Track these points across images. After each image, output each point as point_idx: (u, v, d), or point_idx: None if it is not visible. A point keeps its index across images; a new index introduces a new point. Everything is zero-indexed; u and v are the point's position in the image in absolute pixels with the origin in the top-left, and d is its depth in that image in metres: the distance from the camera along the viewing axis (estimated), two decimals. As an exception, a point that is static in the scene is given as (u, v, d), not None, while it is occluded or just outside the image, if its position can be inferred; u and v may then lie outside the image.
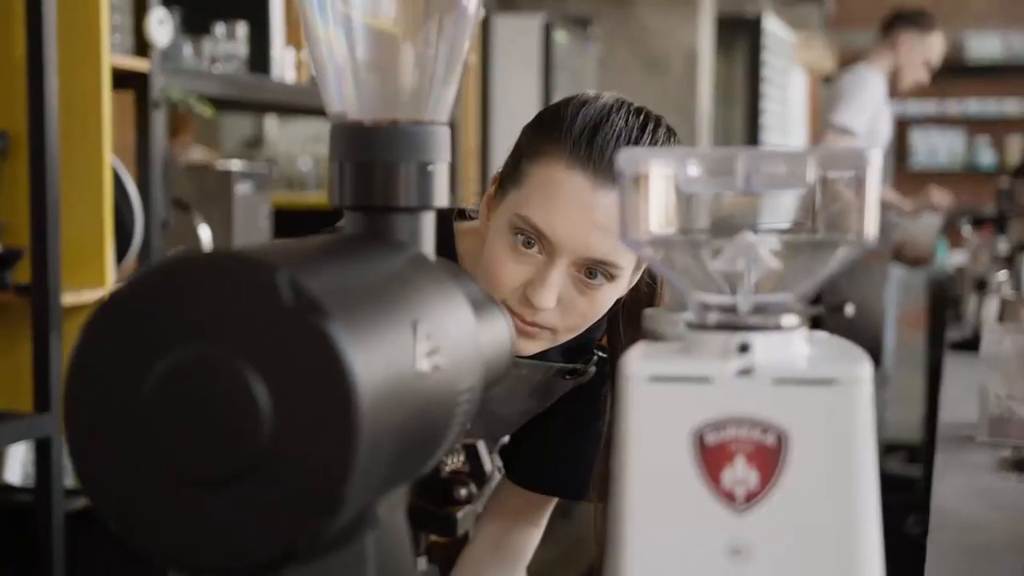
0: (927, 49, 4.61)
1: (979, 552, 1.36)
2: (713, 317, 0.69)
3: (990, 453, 1.79)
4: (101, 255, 2.40)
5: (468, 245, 1.38)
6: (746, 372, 0.67)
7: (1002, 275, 3.01)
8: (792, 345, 0.69)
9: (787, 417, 0.66)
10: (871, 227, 0.68)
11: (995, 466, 1.73)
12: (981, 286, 3.22)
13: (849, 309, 0.83)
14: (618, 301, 1.32)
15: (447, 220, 1.39)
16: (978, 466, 1.72)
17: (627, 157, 0.70)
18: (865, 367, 0.67)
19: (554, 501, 1.51)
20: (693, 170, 0.69)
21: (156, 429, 0.61)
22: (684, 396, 0.67)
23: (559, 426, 1.46)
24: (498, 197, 1.30)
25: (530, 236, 1.25)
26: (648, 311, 0.75)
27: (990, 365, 1.94)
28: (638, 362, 0.67)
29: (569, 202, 1.22)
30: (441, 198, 0.81)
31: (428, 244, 0.81)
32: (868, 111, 4.55)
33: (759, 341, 0.67)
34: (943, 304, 4.74)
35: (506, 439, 1.52)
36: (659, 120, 1.30)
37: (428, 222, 0.81)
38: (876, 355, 4.62)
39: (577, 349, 1.41)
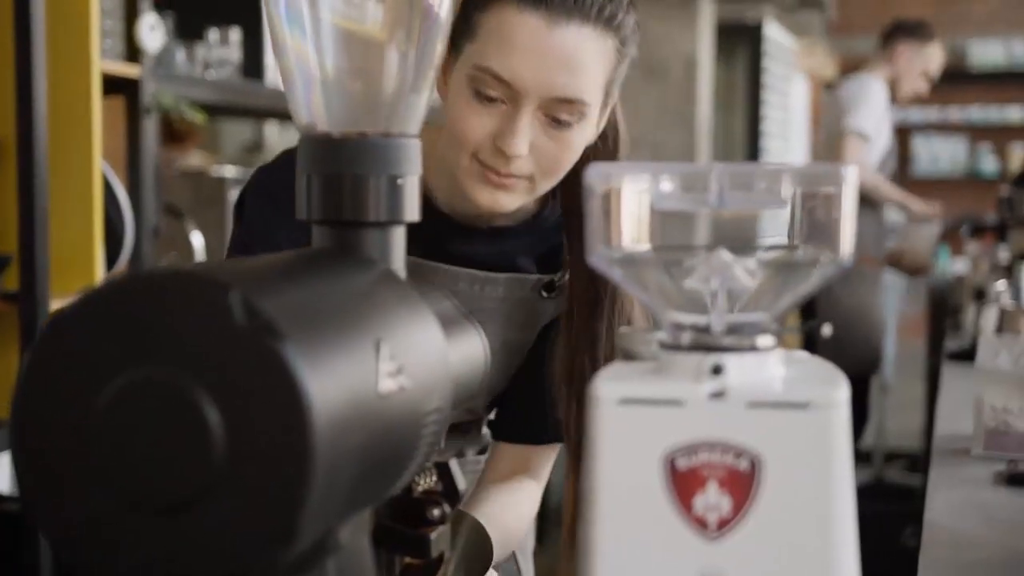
0: (926, 59, 4.60)
1: (973, 568, 1.33)
2: (686, 337, 0.67)
3: (986, 466, 1.77)
4: (91, 262, 2.38)
5: (424, 144, 1.36)
6: (719, 395, 0.64)
7: (1001, 285, 2.99)
8: (767, 366, 0.67)
9: (761, 441, 0.64)
10: (847, 246, 0.66)
11: (991, 480, 1.71)
12: (980, 296, 3.20)
13: (826, 329, 0.80)
14: (584, 154, 1.30)
15: None
16: (973, 480, 1.70)
17: (596, 172, 0.68)
18: (842, 390, 0.65)
19: (551, 451, 1.47)
20: (666, 186, 0.67)
21: (106, 452, 0.59)
22: (655, 419, 0.65)
23: (538, 374, 1.42)
24: (451, 58, 1.27)
25: (491, 86, 1.22)
26: (622, 330, 0.73)
27: (986, 377, 1.92)
28: (608, 384, 0.65)
29: (526, 43, 1.20)
30: (412, 212, 0.79)
31: (398, 259, 0.78)
32: (876, 117, 4.55)
33: (733, 362, 0.65)
34: (943, 312, 4.72)
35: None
36: None
37: (398, 236, 0.79)
38: (873, 362, 4.59)
39: (549, 256, 1.39)
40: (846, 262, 0.66)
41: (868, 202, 4.54)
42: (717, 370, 0.65)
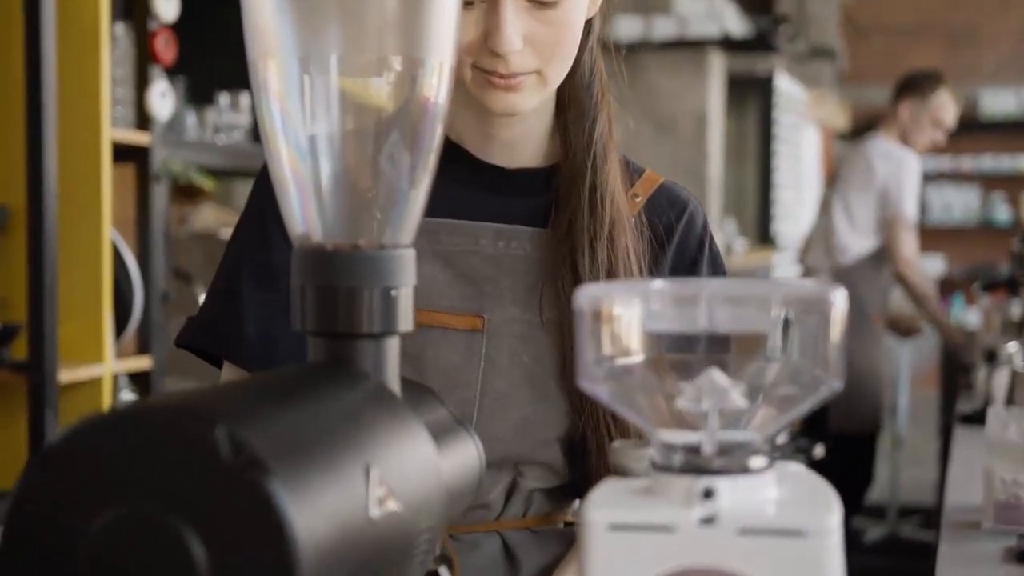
0: (933, 110, 4.59)
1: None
2: (677, 459, 0.67)
3: (996, 541, 1.75)
4: (99, 330, 2.39)
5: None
6: (709, 520, 0.64)
7: (1012, 346, 2.97)
8: (759, 489, 0.66)
9: (753, 568, 0.63)
10: (838, 368, 0.66)
11: (1000, 557, 1.69)
12: (991, 357, 3.18)
13: (818, 451, 0.79)
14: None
15: None
16: (983, 557, 1.68)
17: (585, 294, 0.68)
18: (834, 515, 0.64)
19: None
20: (656, 306, 0.67)
21: (92, 587, 0.58)
22: (645, 545, 0.64)
23: None
24: None
25: None
26: (615, 445, 0.73)
27: (996, 449, 1.91)
28: (598, 509, 0.65)
29: None
30: (406, 322, 0.79)
31: (392, 371, 0.78)
32: (917, 194, 4.58)
33: (724, 486, 0.65)
34: (955, 368, 4.69)
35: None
36: None
37: (392, 348, 0.79)
38: (880, 419, 4.56)
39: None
40: (837, 385, 0.66)
41: (876, 259, 4.52)
42: (708, 494, 0.65)
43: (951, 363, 5.28)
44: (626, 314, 0.68)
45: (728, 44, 5.40)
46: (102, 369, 2.41)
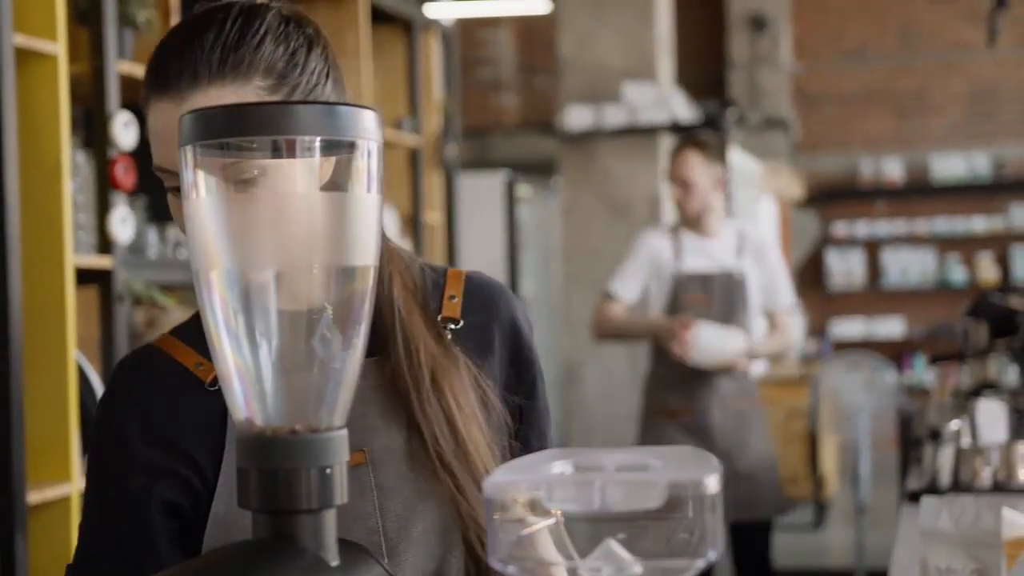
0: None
1: None
2: (580, 625, 0.76)
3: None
4: (66, 451, 2.45)
5: None
6: None
7: (955, 424, 3.05)
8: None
9: None
10: (713, 545, 0.75)
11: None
12: (935, 435, 3.26)
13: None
14: None
15: None
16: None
17: (493, 483, 0.77)
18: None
19: None
20: (557, 493, 0.76)
21: None
22: None
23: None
24: None
25: (169, 179, 1.19)
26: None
27: (929, 538, 1.99)
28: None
29: (164, 128, 1.17)
30: (341, 495, 0.88)
31: (330, 541, 0.87)
32: None
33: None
34: (908, 436, 4.77)
35: None
36: (243, 14, 1.20)
37: (329, 520, 0.87)
38: (782, 501, 4.39)
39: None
40: (714, 559, 0.75)
41: (657, 352, 4.13)
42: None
43: (906, 430, 5.38)
44: (531, 498, 0.77)
45: (677, 128, 5.55)
46: (69, 488, 2.47)
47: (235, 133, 0.86)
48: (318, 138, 0.86)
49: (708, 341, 3.84)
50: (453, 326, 1.30)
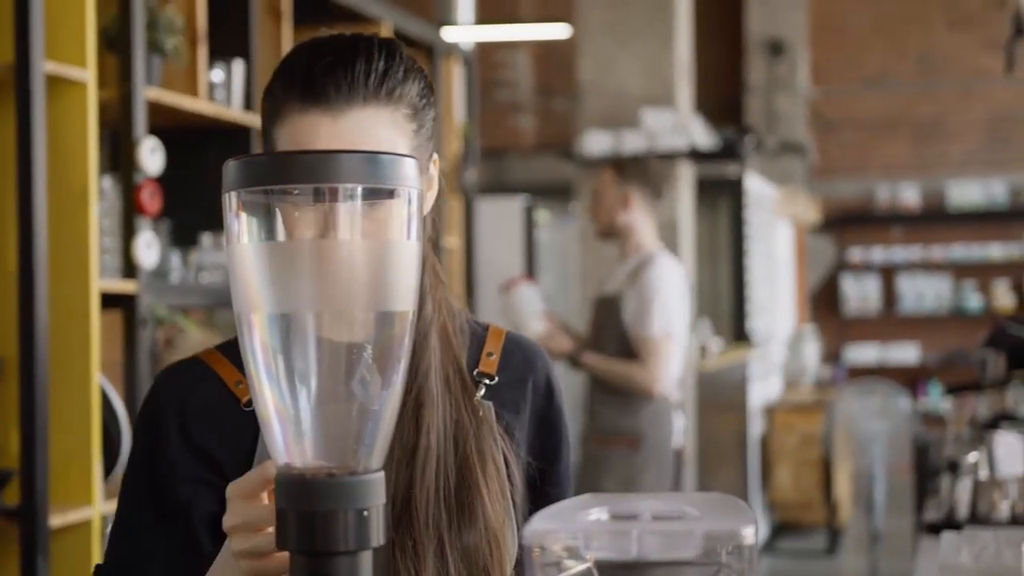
0: None
1: None
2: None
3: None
4: (89, 475, 2.47)
5: None
6: None
7: (973, 457, 3.05)
8: None
9: None
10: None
11: None
12: (953, 467, 3.26)
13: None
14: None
15: None
16: None
17: (532, 531, 0.78)
18: None
19: None
20: (594, 541, 0.77)
21: None
22: None
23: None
24: None
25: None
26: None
27: (949, 574, 2.00)
28: None
29: (313, 141, 1.19)
30: (378, 538, 0.89)
31: (366, 583, 0.88)
32: None
33: None
34: (924, 466, 4.76)
35: None
36: (385, 47, 1.24)
37: (366, 562, 0.89)
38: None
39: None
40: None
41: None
42: None
43: (923, 455, 5.37)
44: (568, 545, 0.78)
45: (696, 155, 5.56)
46: (91, 512, 2.49)
47: (279, 180, 0.88)
48: (360, 186, 0.88)
49: (518, 300, 3.84)
50: (488, 382, 1.32)
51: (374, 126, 1.21)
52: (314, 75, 1.20)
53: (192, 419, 1.26)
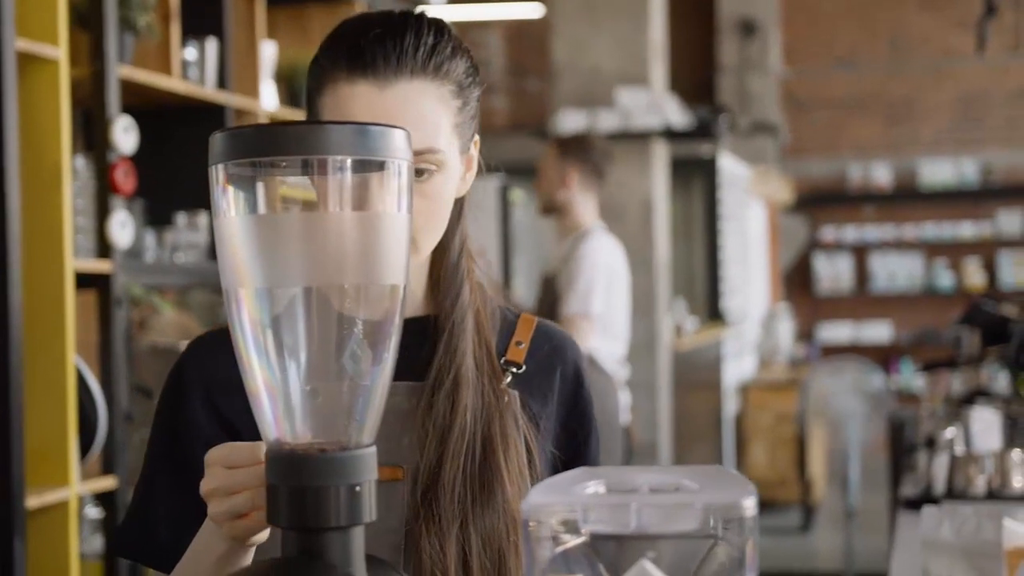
0: None
1: None
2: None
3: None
4: (65, 455, 2.45)
5: None
6: None
7: (950, 432, 3.06)
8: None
9: None
10: (752, 568, 0.75)
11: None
12: (931, 443, 3.27)
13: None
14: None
15: None
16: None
17: (530, 504, 0.77)
18: None
19: None
20: (592, 514, 0.77)
21: None
22: None
23: None
24: None
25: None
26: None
27: (930, 548, 2.00)
28: None
29: (362, 111, 1.20)
30: (370, 513, 0.88)
31: (358, 558, 0.87)
32: None
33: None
34: (900, 443, 4.78)
35: None
36: (434, 24, 1.26)
37: (358, 537, 0.88)
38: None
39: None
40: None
41: None
42: None
43: (898, 433, 5.39)
44: (566, 519, 0.77)
45: (670, 134, 5.55)
46: (67, 492, 2.47)
47: (267, 152, 0.86)
48: (349, 158, 0.87)
49: None
50: (515, 370, 1.31)
51: (420, 99, 1.22)
52: (363, 46, 1.21)
53: (216, 387, 1.26)
